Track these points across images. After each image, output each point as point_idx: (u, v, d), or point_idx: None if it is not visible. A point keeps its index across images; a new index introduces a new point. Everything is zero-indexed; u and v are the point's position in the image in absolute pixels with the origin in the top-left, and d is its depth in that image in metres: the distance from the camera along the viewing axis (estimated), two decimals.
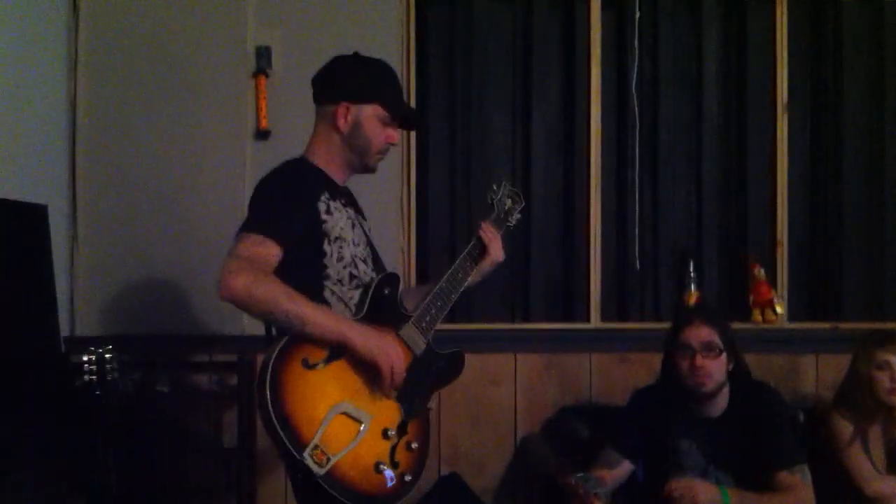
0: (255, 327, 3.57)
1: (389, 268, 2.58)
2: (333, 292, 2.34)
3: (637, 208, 3.98)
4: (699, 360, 2.93)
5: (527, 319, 3.95)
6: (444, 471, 3.75)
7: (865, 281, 4.09)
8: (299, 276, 2.24)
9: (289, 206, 2.29)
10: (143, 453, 3.40)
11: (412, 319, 2.41)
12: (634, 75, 3.94)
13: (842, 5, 4.04)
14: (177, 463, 3.48)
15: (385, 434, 2.24)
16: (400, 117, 2.50)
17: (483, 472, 3.79)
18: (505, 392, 3.83)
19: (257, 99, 3.66)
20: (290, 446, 2.05)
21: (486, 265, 2.63)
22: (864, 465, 3.17)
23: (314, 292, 2.28)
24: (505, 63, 3.98)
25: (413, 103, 3.81)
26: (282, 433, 2.05)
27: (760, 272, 3.93)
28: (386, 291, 2.40)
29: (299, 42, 3.72)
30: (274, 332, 2.28)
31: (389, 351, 2.25)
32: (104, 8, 3.71)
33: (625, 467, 3.06)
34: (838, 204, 4.08)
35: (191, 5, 3.70)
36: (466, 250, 2.61)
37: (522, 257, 3.96)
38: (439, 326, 2.54)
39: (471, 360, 3.68)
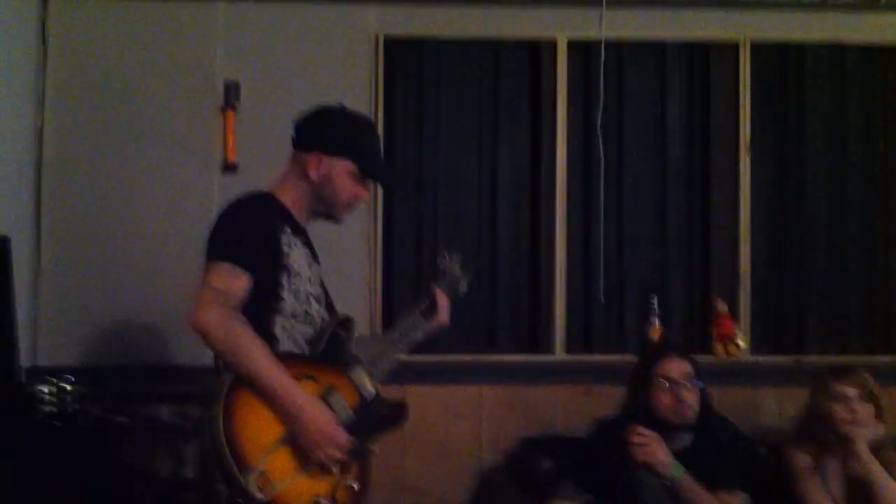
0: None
1: (352, 307, 2.63)
2: (284, 327, 2.36)
3: (602, 243, 4.01)
4: (684, 393, 2.97)
5: (492, 351, 3.97)
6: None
7: (827, 315, 4.13)
8: (253, 305, 2.27)
9: (256, 236, 2.33)
10: (102, 486, 3.38)
11: (364, 364, 2.44)
12: (600, 117, 4.00)
13: (804, 49, 4.13)
14: (136, 497, 3.45)
15: (328, 470, 2.25)
16: (371, 176, 2.54)
17: None
18: (468, 424, 3.84)
19: (225, 133, 3.69)
20: (234, 469, 2.06)
21: (432, 326, 2.68)
22: (823, 500, 3.17)
23: (264, 324, 2.30)
24: (473, 104, 4.03)
25: (381, 144, 3.83)
26: (227, 456, 2.06)
27: (723, 306, 3.98)
28: (342, 334, 2.44)
29: (267, 77, 3.77)
30: (221, 363, 2.28)
31: (326, 441, 2.23)
32: (72, 41, 3.74)
33: (582, 500, 3.07)
34: (800, 240, 4.13)
35: (160, 40, 3.75)
36: (417, 306, 2.67)
37: (489, 290, 3.98)
38: (407, 358, 2.60)
39: (435, 392, 3.80)
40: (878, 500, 3.06)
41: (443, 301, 2.70)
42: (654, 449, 2.90)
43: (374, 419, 2.42)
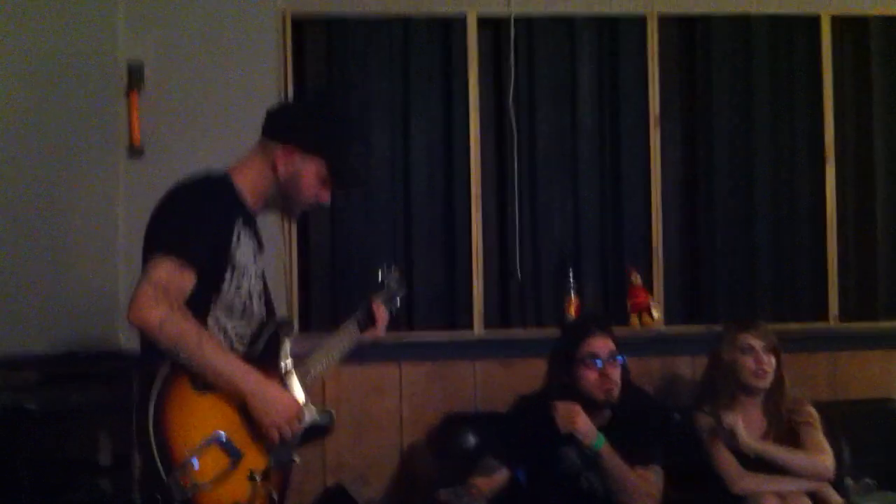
0: (130, 342, 3.53)
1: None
2: (217, 319, 2.28)
3: (517, 218, 4.06)
4: (609, 369, 3.02)
5: (411, 328, 3.98)
6: (329, 482, 3.74)
7: (737, 283, 4.23)
8: (191, 294, 2.19)
9: (207, 230, 2.22)
10: (13, 476, 3.31)
11: (297, 371, 2.39)
12: (511, 89, 4.02)
13: (710, 21, 4.19)
14: (51, 486, 3.39)
15: (251, 476, 2.19)
16: (341, 183, 2.43)
17: (368, 483, 3.80)
18: (389, 402, 3.86)
19: (130, 115, 3.60)
20: (158, 464, 2.02)
21: (367, 337, 2.67)
22: (730, 463, 3.23)
23: (199, 312, 2.21)
24: (383, 80, 4.01)
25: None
26: (155, 450, 2.02)
27: (637, 278, 4.04)
28: (280, 335, 2.38)
29: (173, 57, 3.69)
30: (148, 348, 2.21)
31: (281, 420, 2.23)
32: None
33: (503, 474, 3.11)
34: (710, 210, 4.21)
35: (58, 19, 3.63)
36: (354, 316, 2.65)
37: (406, 267, 3.95)
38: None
39: (355, 370, 3.79)
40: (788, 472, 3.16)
41: (382, 315, 2.68)
42: (577, 419, 2.94)
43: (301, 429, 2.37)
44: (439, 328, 4.01)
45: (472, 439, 3.58)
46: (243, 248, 2.30)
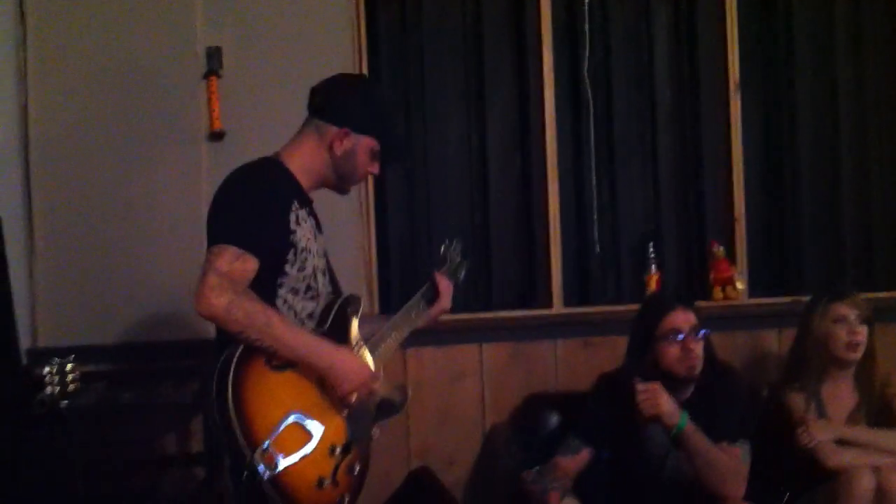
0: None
1: (345, 278, 2.60)
2: (286, 300, 2.33)
3: (595, 193, 4.01)
4: (692, 344, 2.97)
5: (489, 309, 3.97)
6: (414, 466, 3.76)
7: (824, 254, 4.16)
8: (256, 280, 2.22)
9: (265, 215, 2.27)
10: (109, 465, 3.38)
11: (367, 345, 2.45)
12: (586, 62, 3.96)
13: None
14: (144, 474, 3.46)
15: (332, 451, 2.23)
16: (392, 158, 2.54)
17: (453, 466, 3.81)
18: (471, 384, 3.85)
19: (209, 100, 3.62)
20: (243, 444, 2.05)
21: (434, 311, 2.71)
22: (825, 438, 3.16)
23: (266, 298, 2.26)
24: (457, 57, 3.97)
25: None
26: (237, 430, 2.05)
27: (719, 250, 3.97)
28: (348, 311, 2.43)
29: (250, 41, 3.68)
30: (222, 336, 2.25)
31: (355, 384, 2.29)
32: (51, 15, 3.64)
33: (586, 453, 3.08)
34: (794, 179, 4.14)
35: (138, 8, 3.64)
36: (421, 291, 2.69)
37: (483, 247, 3.97)
38: None
39: (435, 353, 3.79)
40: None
41: (445, 286, 2.71)
42: (659, 400, 2.90)
43: (374, 403, 2.44)
44: (518, 307, 3.98)
45: (554, 419, 3.56)
46: (303, 229, 2.35)
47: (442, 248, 2.85)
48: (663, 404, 2.88)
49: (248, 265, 2.19)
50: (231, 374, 2.09)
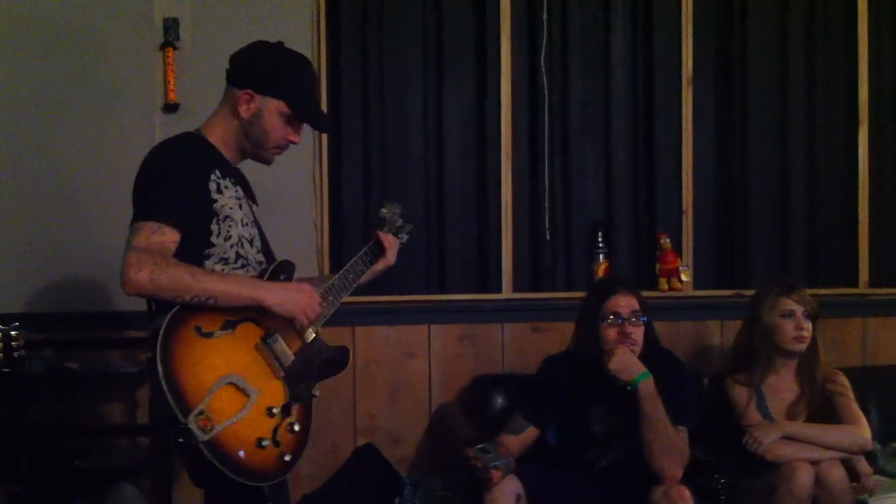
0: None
1: (300, 248, 2.59)
2: (213, 271, 2.31)
3: (548, 180, 4.05)
4: (628, 328, 3.03)
5: (442, 291, 3.99)
6: (361, 442, 3.78)
7: (769, 249, 4.23)
8: (182, 252, 2.22)
9: (182, 186, 2.26)
10: (55, 432, 3.36)
11: None
12: (544, 50, 3.99)
13: None
14: (90, 442, 3.44)
15: (269, 412, 2.24)
16: (304, 119, 2.45)
17: (399, 443, 3.84)
18: (420, 364, 3.87)
19: (165, 72, 3.59)
20: (175, 409, 2.05)
21: (379, 267, 2.72)
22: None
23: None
24: (417, 39, 3.98)
25: (325, 81, 3.80)
26: (169, 396, 2.05)
27: (667, 241, 4.03)
28: (282, 277, 2.41)
29: (208, 13, 3.66)
30: (154, 306, 2.26)
31: (301, 299, 2.30)
32: None
33: (531, 433, 3.11)
34: (743, 174, 4.21)
35: None
36: (361, 252, 2.68)
37: (437, 230, 3.99)
38: (356, 299, 2.57)
39: (386, 332, 3.80)
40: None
41: (391, 242, 2.72)
42: (623, 354, 2.97)
43: (315, 363, 2.42)
44: (469, 291, 4.00)
45: (500, 400, 3.61)
46: (225, 197, 2.33)
47: (381, 211, 2.84)
48: (628, 355, 2.97)
49: (167, 237, 2.19)
50: (159, 343, 2.09)
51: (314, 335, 2.42)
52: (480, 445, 2.90)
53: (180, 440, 2.08)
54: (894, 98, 4.30)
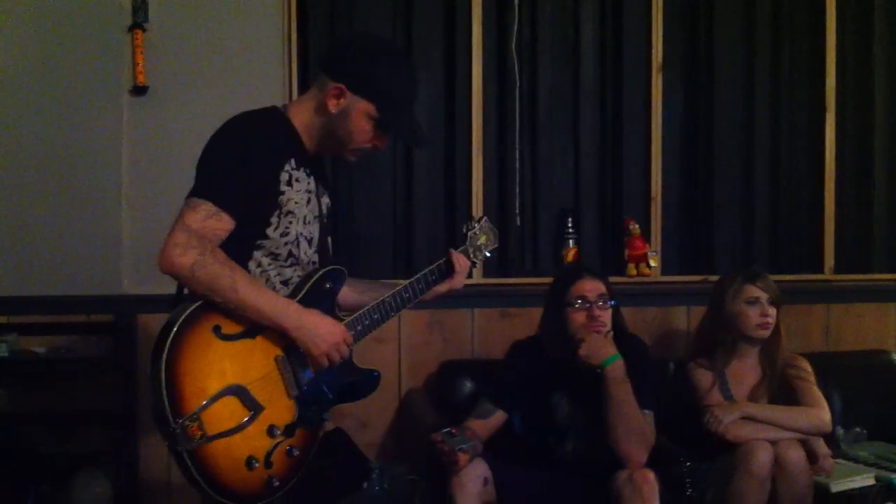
0: (133, 287, 3.53)
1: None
2: (259, 263, 2.22)
3: (517, 167, 4.05)
4: (596, 311, 3.04)
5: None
6: (329, 427, 3.77)
7: (735, 236, 4.27)
8: (231, 237, 2.11)
9: (251, 172, 2.12)
10: (20, 419, 3.33)
11: (345, 323, 2.30)
12: (514, 36, 3.99)
13: None
14: (56, 429, 3.41)
15: (271, 431, 2.12)
16: (387, 129, 2.28)
17: (367, 428, 3.84)
18: (389, 350, 3.88)
19: (134, 54, 3.55)
20: (167, 409, 1.95)
21: (443, 287, 2.55)
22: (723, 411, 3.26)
23: (240, 258, 2.15)
24: (386, 27, 3.96)
25: (294, 65, 3.76)
26: (164, 393, 1.94)
27: (635, 227, 4.06)
28: (328, 286, 2.28)
29: None
30: (186, 290, 2.15)
31: (328, 341, 2.18)
32: None
33: (498, 417, 3.13)
34: (710, 161, 4.23)
35: None
36: (428, 269, 2.53)
37: (405, 216, 3.99)
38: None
39: None
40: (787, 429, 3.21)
41: (461, 264, 2.55)
42: (594, 339, 2.99)
43: (338, 385, 2.32)
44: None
45: (468, 385, 3.62)
46: (294, 190, 2.21)
47: (464, 227, 2.68)
48: (599, 339, 2.99)
49: (222, 224, 2.07)
50: (172, 334, 1.98)
51: (348, 354, 2.29)
52: (446, 429, 2.90)
53: (166, 443, 1.99)
54: (860, 86, 4.34)
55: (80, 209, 3.52)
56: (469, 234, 2.64)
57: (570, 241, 4.05)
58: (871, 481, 3.26)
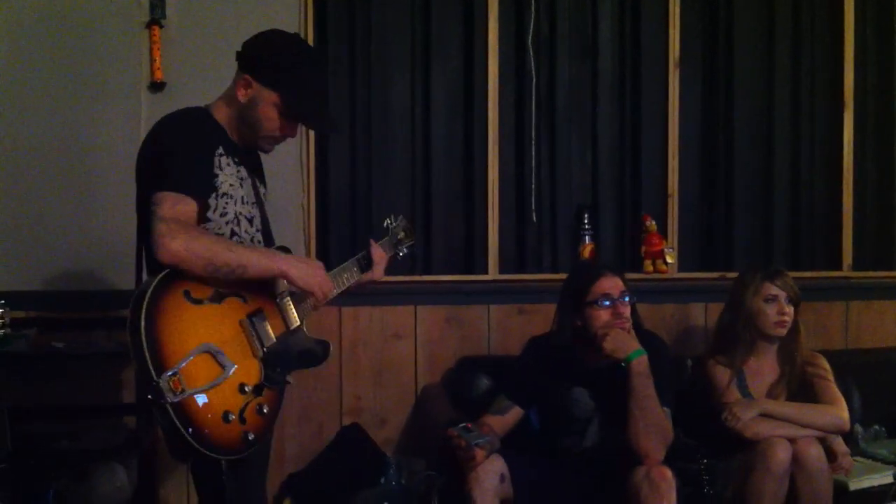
0: None
1: (285, 235, 2.61)
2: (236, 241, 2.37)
3: (534, 163, 4.05)
4: (621, 308, 3.03)
5: (428, 272, 3.99)
6: (346, 423, 3.79)
7: (753, 233, 4.26)
8: None
9: (195, 158, 2.30)
10: (39, 413, 3.35)
11: (293, 295, 2.45)
12: (531, 32, 3.99)
13: None
14: (76, 423, 3.44)
15: (241, 389, 2.25)
16: (295, 117, 2.45)
17: (385, 424, 3.86)
18: (406, 345, 3.89)
19: (151, 50, 3.58)
20: (150, 366, 2.06)
21: (365, 279, 2.73)
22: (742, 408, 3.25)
23: None
24: (404, 21, 3.96)
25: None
26: (146, 352, 2.05)
27: (652, 224, 4.05)
28: None
29: None
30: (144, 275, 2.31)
31: (317, 274, 2.39)
32: None
33: (515, 413, 3.13)
34: (728, 157, 4.22)
35: None
36: (351, 260, 2.69)
37: (423, 212, 3.99)
38: None
39: (372, 313, 3.81)
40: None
41: (380, 256, 2.74)
42: (618, 333, 2.99)
43: (295, 351, 2.44)
44: (455, 272, 4.01)
45: (485, 381, 3.62)
46: (225, 174, 2.36)
47: (385, 222, 2.89)
48: (622, 334, 2.99)
49: (190, 207, 2.24)
50: (146, 300, 2.10)
51: (298, 323, 2.44)
52: (462, 425, 2.91)
53: (149, 397, 2.08)
54: (879, 82, 4.32)
55: (99, 205, 3.54)
56: (389, 227, 2.88)
57: (587, 238, 4.04)
58: (889, 479, 3.23)
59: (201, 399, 2.14)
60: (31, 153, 3.58)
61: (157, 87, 3.59)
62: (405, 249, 2.92)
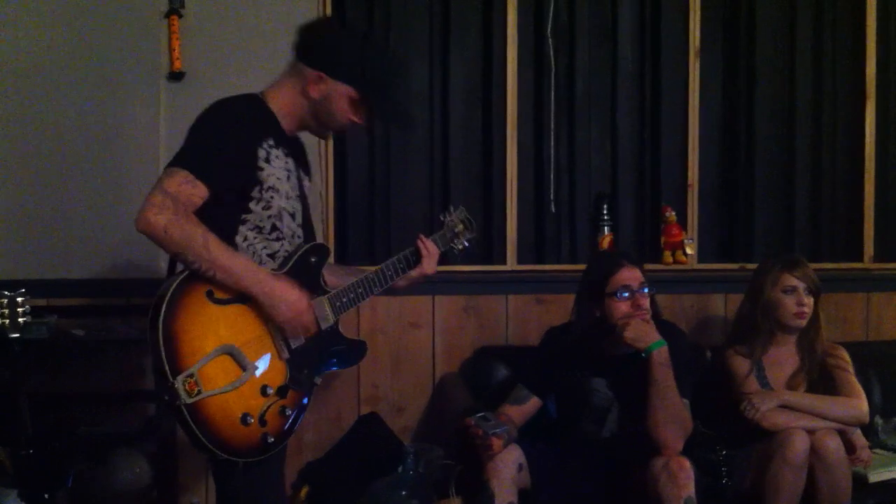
0: None
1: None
2: (246, 237, 2.32)
3: (553, 153, 4.04)
4: (640, 300, 3.03)
5: (445, 262, 3.98)
6: (364, 411, 3.80)
7: (774, 224, 4.23)
8: (217, 212, 2.23)
9: (228, 147, 2.26)
10: (59, 399, 3.37)
11: (328, 294, 2.43)
12: (550, 20, 3.97)
13: None
14: (95, 409, 3.46)
15: (263, 391, 2.23)
16: (373, 110, 2.44)
17: (402, 413, 3.87)
18: (424, 334, 3.89)
19: (170, 40, 3.58)
20: (166, 367, 2.06)
21: (414, 274, 2.65)
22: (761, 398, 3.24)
23: (226, 233, 2.26)
24: (423, 10, 3.96)
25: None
26: (163, 352, 2.06)
27: (672, 214, 4.03)
28: (312, 259, 2.41)
29: None
30: (179, 267, 2.26)
31: (291, 312, 2.27)
32: None
33: (533, 403, 3.14)
34: (749, 148, 4.19)
35: None
36: (396, 257, 2.63)
37: (441, 201, 3.98)
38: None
39: (390, 302, 3.81)
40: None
41: (432, 253, 2.67)
42: (638, 323, 2.97)
43: (325, 352, 2.42)
44: (474, 262, 3.99)
45: (503, 371, 3.63)
46: (273, 167, 2.32)
47: (442, 215, 2.82)
48: (642, 324, 2.97)
49: (197, 191, 2.19)
50: (168, 297, 2.10)
51: (332, 323, 2.41)
52: (480, 414, 2.91)
53: (165, 398, 2.09)
54: None
55: (119, 194, 3.54)
56: (445, 221, 2.78)
57: (606, 228, 4.03)
58: None
59: (218, 401, 2.13)
60: (52, 142, 3.59)
61: (176, 76, 3.59)
62: (465, 243, 2.83)
